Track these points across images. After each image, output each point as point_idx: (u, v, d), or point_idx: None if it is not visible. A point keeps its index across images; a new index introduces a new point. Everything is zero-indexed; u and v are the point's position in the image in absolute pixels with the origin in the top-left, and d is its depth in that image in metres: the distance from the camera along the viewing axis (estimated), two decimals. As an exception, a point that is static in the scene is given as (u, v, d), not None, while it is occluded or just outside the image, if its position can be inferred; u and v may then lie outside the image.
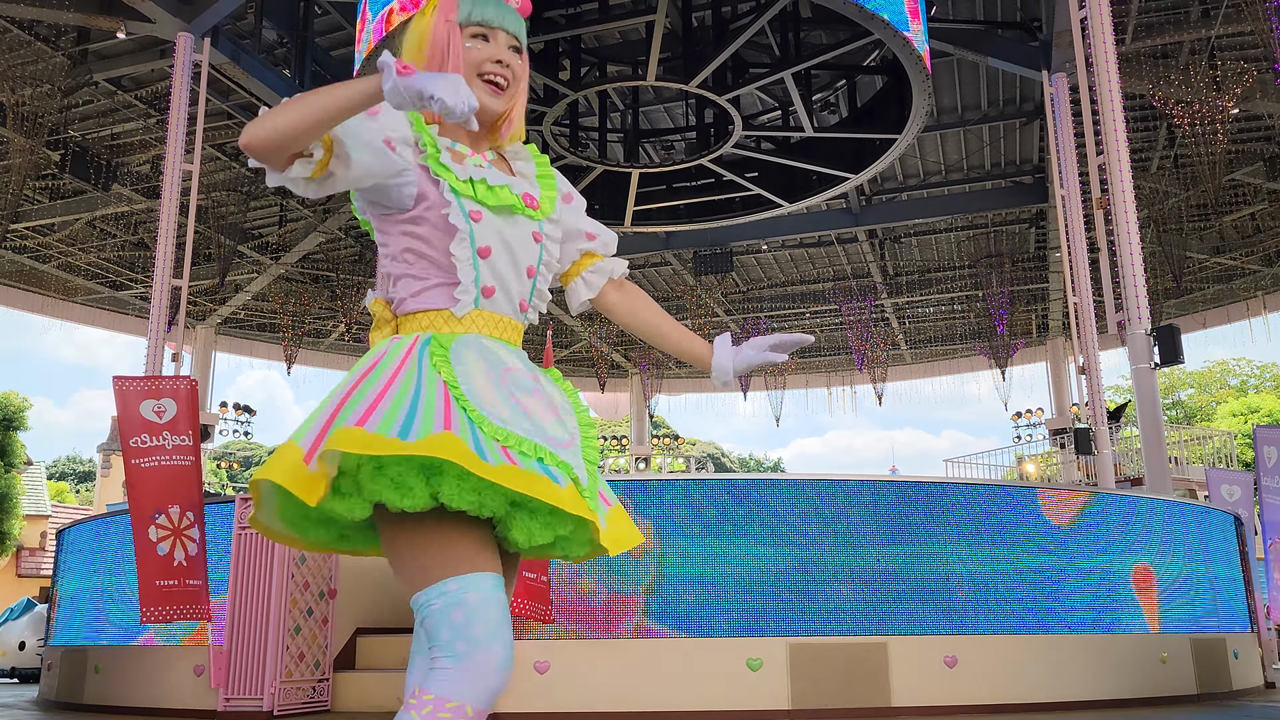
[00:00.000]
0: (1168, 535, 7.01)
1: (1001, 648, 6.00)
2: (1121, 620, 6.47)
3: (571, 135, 12.50)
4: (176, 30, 10.85)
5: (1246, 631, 7.74)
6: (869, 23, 9.20)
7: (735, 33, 10.13)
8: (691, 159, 12.55)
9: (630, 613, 5.62)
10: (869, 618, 5.80)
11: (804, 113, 11.44)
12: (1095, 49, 9.10)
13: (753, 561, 5.75)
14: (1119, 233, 8.76)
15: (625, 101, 14.05)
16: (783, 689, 5.58)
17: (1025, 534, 6.26)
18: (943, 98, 14.42)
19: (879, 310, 21.49)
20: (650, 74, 10.34)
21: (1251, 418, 28.18)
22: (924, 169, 16.73)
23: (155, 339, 10.37)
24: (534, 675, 5.50)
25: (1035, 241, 18.72)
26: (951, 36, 12.19)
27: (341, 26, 13.16)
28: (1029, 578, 6.19)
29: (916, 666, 5.78)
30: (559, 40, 11.03)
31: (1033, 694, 5.97)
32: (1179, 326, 9.28)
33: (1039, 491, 6.52)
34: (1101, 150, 9.12)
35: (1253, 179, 15.53)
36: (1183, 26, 11.94)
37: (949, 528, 6.08)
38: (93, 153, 14.27)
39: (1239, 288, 19.39)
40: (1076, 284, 11.10)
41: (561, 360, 24.98)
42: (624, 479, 6.09)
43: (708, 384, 26.47)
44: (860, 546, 5.91)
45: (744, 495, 5.88)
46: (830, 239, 19.01)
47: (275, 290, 19.81)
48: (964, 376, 25.15)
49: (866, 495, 6.02)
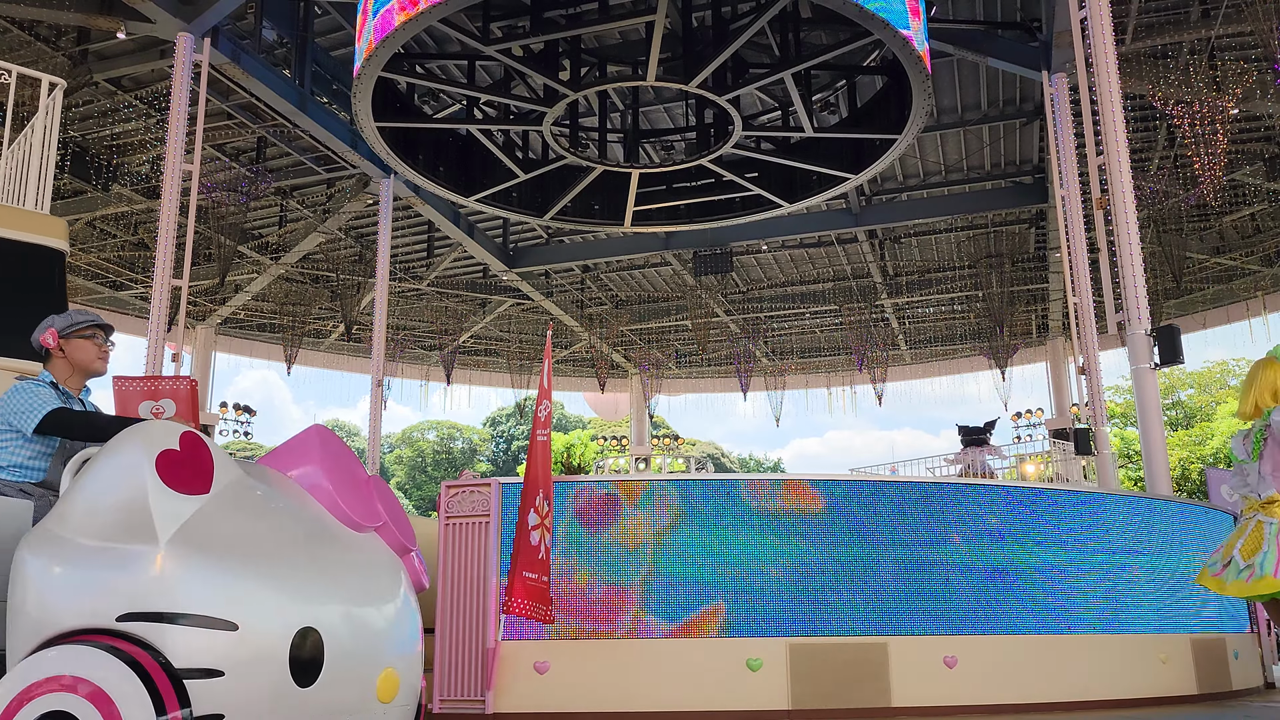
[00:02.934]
0: (1168, 535, 7.01)
1: (1001, 648, 6.00)
2: (1121, 620, 6.46)
3: (571, 135, 12.49)
4: (176, 30, 10.85)
5: (1246, 631, 7.74)
6: (869, 23, 9.19)
7: (735, 33, 10.12)
8: (691, 159, 12.54)
9: (627, 611, 5.62)
10: (869, 618, 5.80)
11: (804, 113, 11.43)
12: (1095, 49, 9.10)
13: (752, 562, 5.74)
14: (1119, 233, 8.76)
15: (625, 101, 14.05)
16: (782, 689, 5.58)
17: (1025, 534, 6.26)
18: (943, 98, 14.42)
19: (879, 310, 21.50)
20: (650, 74, 10.33)
21: (1251, 418, 28.10)
22: (924, 169, 16.72)
23: (155, 339, 10.38)
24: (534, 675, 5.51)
25: (1035, 241, 18.72)
26: (951, 36, 12.19)
27: (341, 26, 13.17)
28: (1029, 578, 6.18)
29: (916, 666, 5.77)
30: (559, 40, 11.02)
31: (1033, 694, 5.97)
32: (1179, 326, 9.28)
33: (1039, 492, 6.52)
34: (1101, 150, 9.12)
35: (1253, 179, 15.54)
36: (1183, 26, 11.95)
37: (949, 528, 6.08)
38: (93, 153, 14.27)
39: (1239, 288, 19.39)
40: (1076, 284, 11.10)
41: (561, 360, 24.99)
42: (626, 479, 6.08)
43: (707, 384, 26.49)
44: (860, 546, 5.91)
45: (742, 495, 5.88)
46: (830, 239, 19.02)
47: (275, 290, 19.81)
48: (963, 377, 25.17)
49: (866, 495, 6.02)
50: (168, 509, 2.73)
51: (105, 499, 2.77)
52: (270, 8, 12.10)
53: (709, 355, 24.04)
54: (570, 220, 14.22)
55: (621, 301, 22.51)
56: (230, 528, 2.82)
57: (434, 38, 12.72)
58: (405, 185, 14.96)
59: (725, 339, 23.53)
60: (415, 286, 20.28)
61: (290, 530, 2.96)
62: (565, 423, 49.46)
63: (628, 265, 20.74)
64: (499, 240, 18.91)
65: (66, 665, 2.53)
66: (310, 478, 3.20)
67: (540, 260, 19.52)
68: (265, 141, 15.15)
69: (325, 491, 3.16)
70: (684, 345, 24.17)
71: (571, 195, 13.46)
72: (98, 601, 2.63)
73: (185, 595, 2.64)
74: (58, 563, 2.70)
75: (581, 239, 19.13)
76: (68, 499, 2.84)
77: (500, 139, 12.98)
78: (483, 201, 13.35)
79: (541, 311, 21.96)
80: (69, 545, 2.72)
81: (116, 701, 2.48)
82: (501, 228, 18.80)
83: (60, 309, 4.61)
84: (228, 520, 2.83)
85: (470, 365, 25.41)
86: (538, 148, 13.50)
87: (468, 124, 12.26)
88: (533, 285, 20.45)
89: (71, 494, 2.84)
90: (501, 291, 21.11)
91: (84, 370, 3.77)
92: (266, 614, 2.70)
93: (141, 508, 2.72)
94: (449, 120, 13.23)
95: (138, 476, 2.76)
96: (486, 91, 12.14)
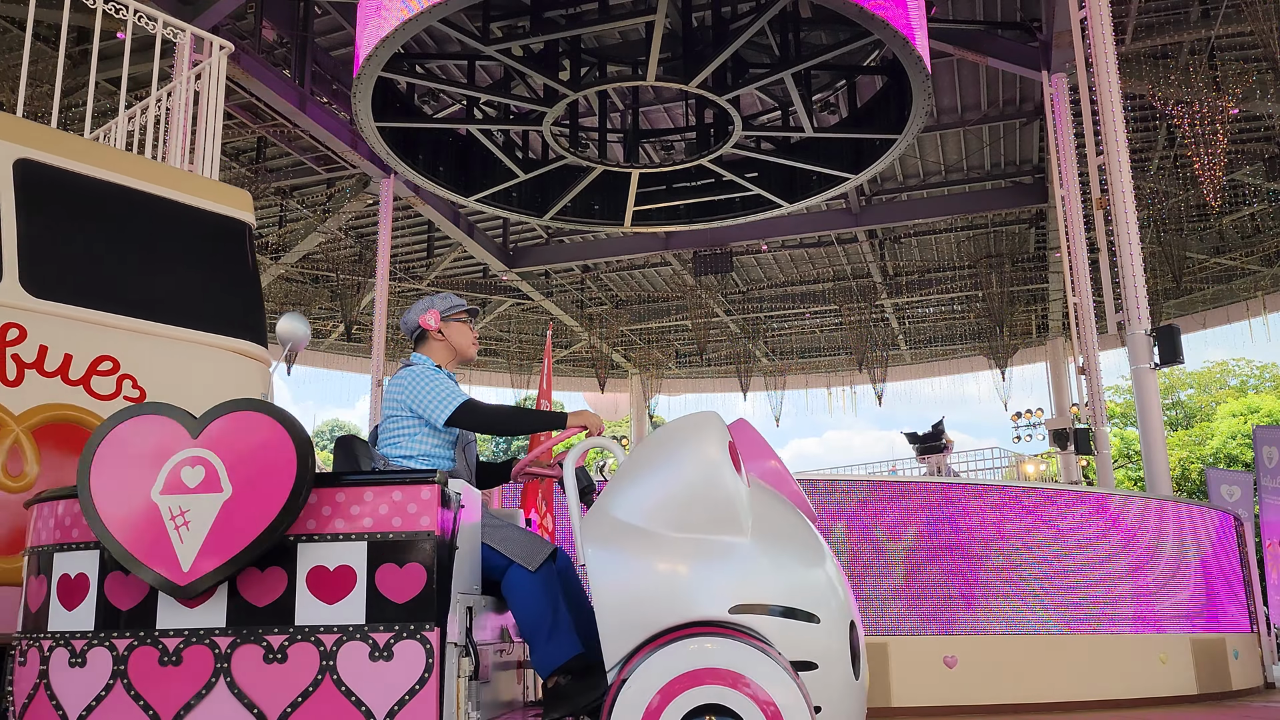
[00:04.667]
0: (1168, 536, 7.01)
1: (1001, 648, 6.00)
2: (1121, 620, 6.47)
3: (571, 135, 12.50)
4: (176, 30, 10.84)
5: (1246, 631, 7.74)
6: (869, 23, 9.20)
7: (735, 33, 10.13)
8: (691, 159, 12.55)
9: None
10: (869, 618, 5.80)
11: (804, 113, 11.44)
12: (1095, 49, 9.10)
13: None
14: (1119, 233, 8.76)
15: (625, 101, 14.05)
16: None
17: (1025, 534, 6.26)
18: (943, 98, 14.42)
19: (879, 310, 21.50)
20: (650, 74, 10.34)
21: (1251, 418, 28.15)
22: (924, 169, 16.73)
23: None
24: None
25: (1035, 241, 18.73)
26: (951, 36, 12.19)
27: (341, 26, 13.17)
28: (1030, 578, 6.19)
29: (916, 666, 5.78)
30: (559, 40, 11.02)
31: (1033, 694, 5.97)
32: (1179, 326, 9.28)
33: (1040, 492, 6.52)
34: (1101, 150, 9.12)
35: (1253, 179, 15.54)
36: (1183, 26, 11.95)
37: (950, 528, 6.09)
38: (93, 153, 14.26)
39: (1239, 288, 19.40)
40: (1076, 284, 11.10)
41: (561, 360, 24.99)
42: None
43: (707, 384, 26.50)
44: (861, 546, 5.91)
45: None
46: (830, 239, 19.02)
47: (275, 290, 19.81)
48: (963, 376, 25.17)
49: (866, 495, 6.03)
50: (744, 501, 2.74)
51: (686, 491, 2.74)
52: (270, 8, 12.10)
53: (709, 355, 24.04)
54: (570, 220, 14.23)
55: (621, 301, 22.52)
56: (776, 518, 2.84)
57: (434, 38, 12.72)
58: (405, 185, 14.96)
59: (725, 339, 23.54)
60: (415, 286, 20.29)
61: (798, 518, 2.94)
62: (565, 423, 49.43)
63: (628, 265, 20.74)
64: (499, 240, 18.91)
65: (713, 659, 2.51)
66: (767, 468, 3.15)
67: (540, 260, 19.52)
68: (265, 141, 15.15)
69: (783, 478, 3.12)
70: (684, 345, 24.17)
71: (571, 195, 13.47)
72: (709, 595, 2.63)
73: (777, 587, 2.66)
74: (655, 557, 2.68)
75: (581, 239, 19.13)
76: (629, 491, 2.80)
77: (500, 139, 12.99)
78: (483, 201, 13.36)
79: (541, 311, 21.96)
80: (657, 539, 2.71)
81: (775, 697, 2.46)
82: (501, 228, 18.81)
83: (257, 289, 4.50)
84: (770, 510, 2.85)
85: (470, 365, 25.42)
86: (538, 148, 13.50)
87: (468, 124, 12.27)
88: (533, 285, 20.45)
89: (637, 486, 2.80)
90: (501, 291, 21.12)
91: (461, 354, 3.59)
92: (832, 605, 2.70)
93: (726, 499, 2.71)
94: (449, 120, 13.23)
95: (718, 468, 2.74)
96: (486, 91, 12.14)
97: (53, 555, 2.68)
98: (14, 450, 3.51)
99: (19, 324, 3.67)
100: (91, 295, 3.92)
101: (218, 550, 2.46)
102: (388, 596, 2.49)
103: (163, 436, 2.57)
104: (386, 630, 2.47)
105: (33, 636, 2.65)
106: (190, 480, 2.52)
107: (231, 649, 2.48)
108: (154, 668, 2.49)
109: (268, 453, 2.52)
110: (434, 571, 2.51)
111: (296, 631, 2.48)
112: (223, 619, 2.50)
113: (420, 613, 2.48)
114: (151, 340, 4.03)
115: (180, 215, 4.37)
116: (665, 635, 2.59)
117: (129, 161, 4.31)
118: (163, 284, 4.20)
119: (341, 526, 2.54)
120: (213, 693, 2.45)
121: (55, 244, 3.90)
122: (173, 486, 2.51)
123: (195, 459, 2.54)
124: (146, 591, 2.54)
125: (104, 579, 2.58)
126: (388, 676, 2.45)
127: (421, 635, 2.47)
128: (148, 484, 2.53)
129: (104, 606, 2.56)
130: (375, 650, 2.46)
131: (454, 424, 3.23)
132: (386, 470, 3.19)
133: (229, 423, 2.58)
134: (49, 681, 2.56)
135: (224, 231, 4.48)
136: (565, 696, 2.84)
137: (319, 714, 2.42)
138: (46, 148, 3.99)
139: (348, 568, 2.51)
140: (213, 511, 2.48)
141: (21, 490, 3.48)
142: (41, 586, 2.68)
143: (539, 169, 13.00)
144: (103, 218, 4.13)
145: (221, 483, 2.51)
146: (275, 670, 2.46)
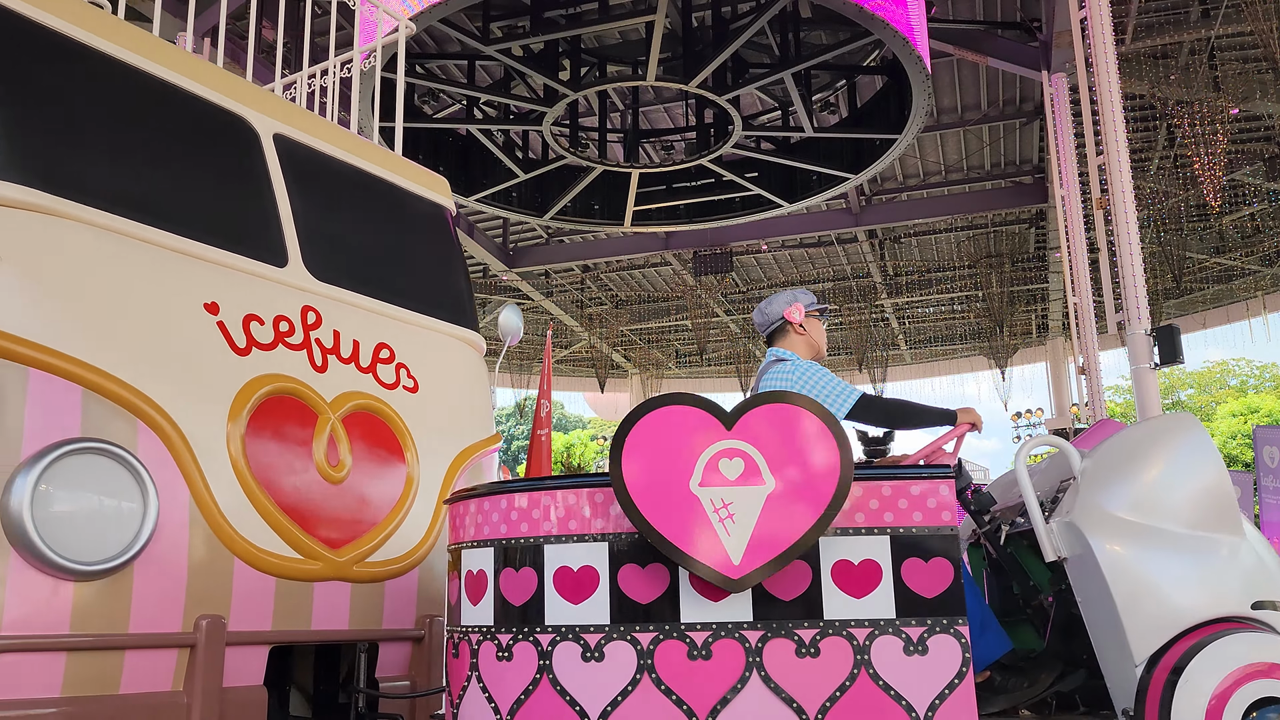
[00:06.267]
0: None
1: (1001, 648, 5.99)
2: (1121, 620, 6.46)
3: (571, 135, 12.50)
4: (176, 30, 10.84)
5: (1246, 631, 7.74)
6: (869, 23, 9.21)
7: (735, 33, 10.13)
8: (691, 159, 12.55)
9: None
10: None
11: (804, 113, 11.45)
12: (1095, 49, 9.10)
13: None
14: (1119, 233, 8.76)
15: (625, 101, 14.05)
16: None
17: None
18: (943, 98, 14.42)
19: (879, 310, 21.51)
20: (650, 74, 10.34)
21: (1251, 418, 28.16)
22: (924, 169, 16.73)
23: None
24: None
25: (1035, 241, 18.73)
26: (951, 36, 12.19)
27: (341, 26, 13.17)
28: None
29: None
30: (559, 40, 11.03)
31: (1032, 694, 5.96)
32: (1179, 326, 9.29)
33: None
34: (1101, 150, 9.12)
35: (1253, 179, 15.54)
36: (1183, 26, 11.95)
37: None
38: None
39: (1239, 288, 19.40)
40: (1076, 284, 11.10)
41: (561, 360, 24.99)
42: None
43: (707, 384, 26.49)
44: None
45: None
46: (830, 239, 19.02)
47: (275, 290, 19.76)
48: (963, 376, 25.17)
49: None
50: (1234, 497, 2.91)
51: (1185, 487, 2.87)
52: (270, 8, 12.10)
53: (709, 355, 24.04)
54: (570, 220, 14.23)
55: (621, 301, 22.52)
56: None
57: (434, 38, 12.72)
58: (405, 185, 14.95)
59: (725, 339, 23.54)
60: (415, 286, 20.27)
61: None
62: (565, 423, 49.47)
63: (628, 265, 20.74)
64: (499, 240, 18.91)
65: (1266, 653, 2.63)
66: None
67: (540, 260, 19.52)
68: (265, 141, 15.14)
69: None
70: (684, 345, 24.18)
71: (571, 195, 13.47)
72: (1230, 590, 2.78)
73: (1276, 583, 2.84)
74: (1172, 553, 2.79)
75: (581, 239, 19.14)
76: (1122, 488, 2.89)
77: (500, 139, 12.99)
78: (483, 201, 13.36)
79: (542, 311, 21.97)
80: (1167, 536, 2.81)
81: None
82: (501, 227, 18.81)
83: (465, 275, 4.33)
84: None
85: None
86: (538, 148, 13.51)
87: (468, 124, 12.27)
88: (533, 285, 20.45)
89: (1132, 483, 2.89)
90: (501, 291, 21.12)
91: (817, 351, 3.56)
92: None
93: (1223, 495, 2.85)
94: (449, 120, 13.23)
95: (1214, 464, 2.88)
96: (486, 91, 12.14)
97: (501, 547, 2.69)
98: (331, 439, 3.35)
99: (315, 308, 3.47)
100: (358, 280, 3.71)
101: (767, 543, 2.41)
102: (916, 591, 2.46)
103: (695, 428, 2.51)
104: (919, 625, 2.43)
105: (526, 631, 2.59)
106: (730, 472, 2.47)
107: (762, 643, 2.44)
108: (683, 662, 2.45)
109: (809, 446, 2.48)
110: (959, 566, 2.50)
111: (827, 625, 2.44)
112: (749, 613, 2.46)
113: (950, 607, 2.45)
114: (409, 329, 3.85)
115: (403, 199, 4.13)
116: (1195, 631, 2.71)
117: (349, 139, 4.02)
118: (403, 270, 3.99)
119: (861, 520, 2.51)
120: (747, 687, 2.41)
121: (318, 224, 3.65)
122: (712, 479, 2.47)
123: (732, 450, 2.48)
124: (667, 584, 2.50)
125: (615, 571, 2.53)
126: (925, 671, 2.41)
127: (955, 630, 2.43)
128: (685, 476, 2.47)
129: (617, 598, 2.52)
130: (909, 645, 2.43)
131: (852, 417, 3.22)
132: (897, 465, 3.17)
133: (764, 414, 2.53)
134: (554, 677, 2.52)
135: (433, 217, 4.27)
136: (1002, 691, 2.88)
137: (858, 708, 2.39)
138: (291, 122, 3.72)
139: (872, 562, 2.48)
140: (757, 504, 2.43)
141: (340, 481, 3.33)
142: (530, 580, 2.62)
143: (539, 169, 13.01)
144: (345, 198, 3.90)
145: (763, 475, 2.46)
146: (809, 664, 2.42)
